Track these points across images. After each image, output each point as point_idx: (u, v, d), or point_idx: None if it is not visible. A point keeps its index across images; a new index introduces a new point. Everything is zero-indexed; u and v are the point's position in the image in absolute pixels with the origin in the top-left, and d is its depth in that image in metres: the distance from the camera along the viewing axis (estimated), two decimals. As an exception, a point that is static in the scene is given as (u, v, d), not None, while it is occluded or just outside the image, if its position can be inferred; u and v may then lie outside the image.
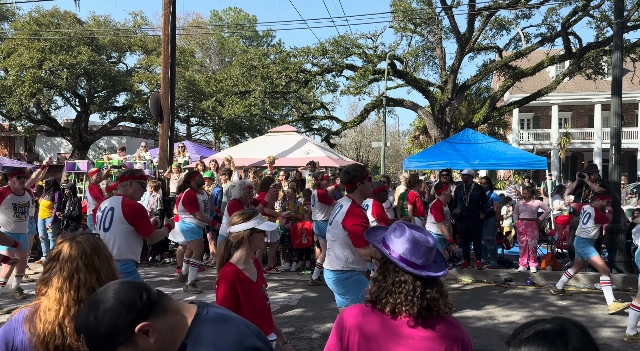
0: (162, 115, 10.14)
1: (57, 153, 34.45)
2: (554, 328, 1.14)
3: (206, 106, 23.73)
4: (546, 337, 1.12)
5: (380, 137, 23.84)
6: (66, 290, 1.63)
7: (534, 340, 1.12)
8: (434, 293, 1.62)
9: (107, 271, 1.71)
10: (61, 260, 1.67)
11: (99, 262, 1.69)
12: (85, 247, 1.70)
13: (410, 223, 1.76)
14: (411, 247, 1.65)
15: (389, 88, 20.56)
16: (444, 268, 1.70)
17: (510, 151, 10.77)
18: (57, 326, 1.59)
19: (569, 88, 27.92)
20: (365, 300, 1.71)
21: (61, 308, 1.61)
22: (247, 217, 2.73)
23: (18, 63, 21.28)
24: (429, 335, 1.60)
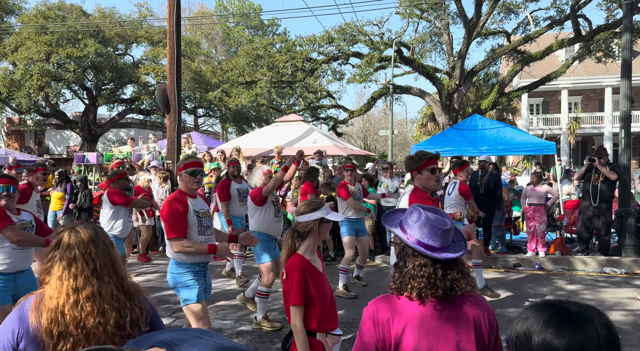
0: (169, 107, 10.18)
1: (67, 146, 34.76)
2: (581, 312, 1.09)
3: (213, 97, 23.75)
4: (573, 319, 1.08)
5: (387, 125, 23.74)
6: (65, 279, 1.66)
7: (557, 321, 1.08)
8: (455, 274, 1.63)
9: (105, 261, 1.72)
10: (61, 249, 1.70)
11: (96, 251, 1.71)
12: (83, 236, 1.72)
13: (426, 206, 1.75)
14: (428, 230, 1.66)
15: (396, 76, 20.44)
16: (463, 247, 1.70)
17: (518, 136, 10.68)
18: (60, 314, 1.62)
19: (578, 72, 27.52)
20: (389, 287, 1.71)
21: (61, 297, 1.64)
22: (315, 207, 2.65)
23: (26, 57, 21.41)
24: (457, 314, 1.62)
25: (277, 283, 6.92)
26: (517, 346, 1.12)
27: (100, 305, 1.65)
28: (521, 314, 1.16)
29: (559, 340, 1.04)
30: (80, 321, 1.62)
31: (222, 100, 25.61)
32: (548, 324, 1.07)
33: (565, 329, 1.05)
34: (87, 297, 1.65)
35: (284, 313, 5.50)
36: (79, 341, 1.61)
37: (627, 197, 8.12)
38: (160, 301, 5.99)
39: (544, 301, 1.16)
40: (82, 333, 1.62)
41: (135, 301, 1.74)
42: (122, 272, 1.77)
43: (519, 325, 1.13)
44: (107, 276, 1.71)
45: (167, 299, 6.11)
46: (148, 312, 1.77)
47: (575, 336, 1.04)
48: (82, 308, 1.63)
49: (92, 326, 1.62)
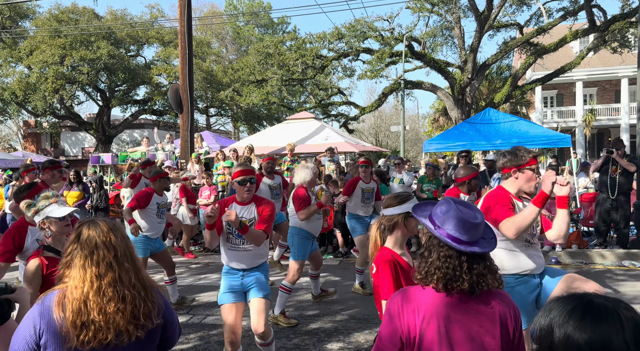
0: (182, 106, 10.26)
1: (82, 147, 35.26)
2: (605, 304, 1.05)
3: (224, 96, 23.90)
4: (600, 312, 1.04)
5: (399, 121, 23.64)
6: (88, 266, 1.71)
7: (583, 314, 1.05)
8: (482, 269, 1.63)
9: (124, 249, 1.79)
10: (81, 240, 1.76)
11: (116, 239, 1.78)
12: (102, 227, 1.79)
13: (458, 199, 1.75)
14: (457, 222, 1.66)
15: (407, 71, 20.30)
16: (493, 244, 1.69)
17: (533, 129, 10.55)
18: (83, 303, 1.67)
19: (593, 63, 27.05)
20: (414, 277, 1.71)
21: (85, 284, 1.69)
22: (402, 200, 2.60)
23: (40, 60, 21.75)
24: (483, 309, 1.62)
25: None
26: (540, 339, 1.09)
27: (121, 290, 1.71)
28: (545, 307, 1.13)
29: (580, 334, 1.01)
30: (102, 307, 1.67)
31: (233, 99, 25.75)
32: (570, 317, 1.04)
33: (587, 322, 1.02)
34: (108, 283, 1.70)
35: (299, 309, 5.54)
36: (100, 327, 1.66)
37: (646, 189, 7.97)
38: (176, 299, 6.04)
39: (569, 294, 1.13)
40: (104, 319, 1.66)
41: (149, 293, 1.78)
42: (138, 263, 1.83)
43: (542, 318, 1.11)
44: (127, 263, 1.77)
45: (184, 296, 6.17)
46: (160, 306, 1.81)
47: (597, 330, 1.00)
48: (104, 294, 1.69)
49: (113, 312, 1.67)
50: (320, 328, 4.90)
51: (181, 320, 5.28)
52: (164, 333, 1.86)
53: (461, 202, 1.73)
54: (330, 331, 4.81)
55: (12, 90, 22.70)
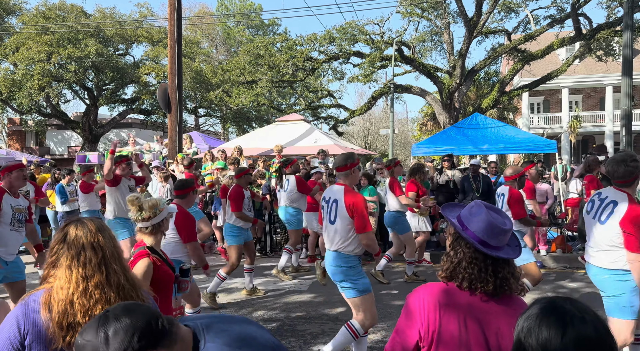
0: (170, 106, 10.20)
1: (68, 146, 34.81)
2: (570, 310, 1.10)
3: (213, 96, 23.78)
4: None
5: (388, 124, 23.75)
6: (74, 268, 1.69)
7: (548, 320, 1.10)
8: (506, 273, 1.67)
9: (112, 250, 1.76)
10: (68, 240, 1.73)
11: (104, 240, 1.75)
12: (90, 227, 1.76)
13: (489, 204, 1.79)
14: (485, 226, 1.69)
15: (397, 75, 20.44)
16: (517, 253, 1.73)
17: (519, 135, 10.68)
18: (69, 304, 1.65)
19: (579, 71, 27.50)
20: (439, 276, 1.75)
21: (71, 285, 1.67)
22: None
23: (27, 57, 21.44)
24: (503, 311, 1.65)
25: (278, 282, 6.94)
26: (518, 342, 1.14)
27: (108, 293, 1.69)
28: (526, 310, 1.18)
29: (549, 341, 1.06)
30: (89, 309, 1.64)
31: (222, 100, 25.65)
32: (541, 323, 1.10)
33: (558, 327, 1.07)
34: (95, 285, 1.68)
35: (286, 311, 5.53)
36: None
37: (629, 195, 8.12)
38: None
39: (544, 299, 1.18)
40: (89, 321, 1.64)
41: (138, 293, 1.77)
42: (125, 263, 1.81)
43: (521, 321, 1.16)
44: (115, 265, 1.74)
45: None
46: (149, 304, 1.79)
47: (570, 333, 1.05)
48: (90, 296, 1.66)
49: None
50: (306, 330, 4.89)
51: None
52: None
53: (492, 208, 1.76)
54: (316, 333, 4.81)
55: (-3, 86, 22.34)
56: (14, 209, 4.18)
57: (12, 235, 4.15)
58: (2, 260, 4.08)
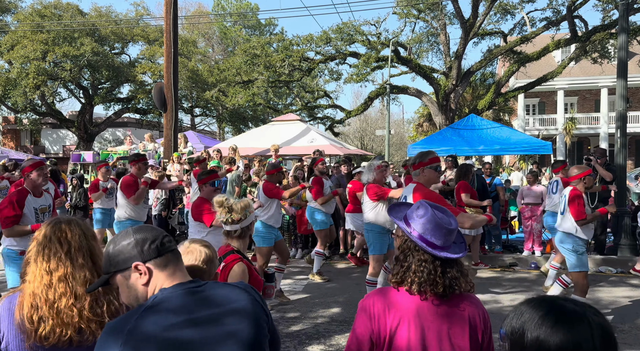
0: (166, 105, 10.16)
1: (63, 145, 34.63)
2: (576, 310, 1.08)
3: (209, 96, 23.73)
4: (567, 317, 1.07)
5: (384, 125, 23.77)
6: (40, 261, 1.69)
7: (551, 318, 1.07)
8: (455, 272, 1.65)
9: (80, 245, 1.73)
10: (38, 238, 1.74)
11: (71, 235, 1.73)
12: (61, 225, 1.75)
13: (434, 204, 1.75)
14: (432, 227, 1.67)
15: (393, 76, 20.46)
16: (463, 249, 1.72)
17: (515, 136, 10.72)
18: (37, 297, 1.64)
19: (574, 73, 27.61)
20: (389, 280, 1.73)
21: (36, 280, 1.67)
22: None
23: (22, 55, 21.32)
24: (454, 312, 1.65)
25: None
26: (511, 342, 1.11)
27: (73, 287, 1.66)
28: (516, 309, 1.15)
29: (552, 338, 1.03)
30: (54, 302, 1.64)
31: (219, 100, 25.58)
32: (543, 321, 1.06)
33: (559, 327, 1.04)
34: (59, 278, 1.67)
35: (280, 311, 5.51)
36: (56, 324, 1.63)
37: (623, 197, 8.15)
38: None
39: (540, 297, 1.15)
40: (57, 315, 1.63)
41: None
42: (100, 263, 1.74)
43: (514, 320, 1.12)
44: (82, 259, 1.71)
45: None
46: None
47: (568, 335, 1.03)
48: (55, 289, 1.65)
49: (66, 308, 1.63)
50: (301, 331, 4.88)
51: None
52: None
53: (437, 207, 1.73)
54: (311, 333, 4.80)
55: (-9, 85, 22.21)
56: (37, 210, 4.10)
57: None
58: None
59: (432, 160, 3.74)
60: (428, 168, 3.72)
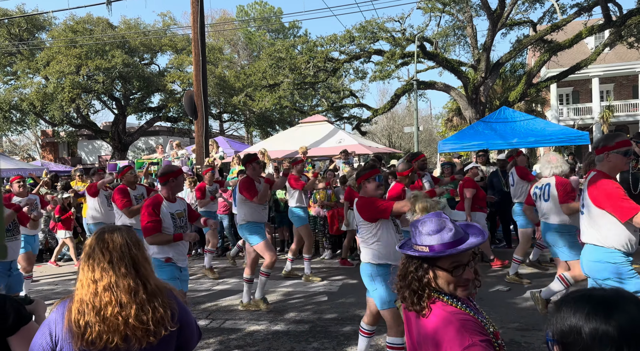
0: (197, 112, 10.35)
1: (98, 155, 35.76)
2: (605, 294, 1.14)
3: (237, 101, 24.05)
4: (591, 301, 1.12)
5: (411, 122, 23.50)
6: (86, 271, 1.77)
7: (577, 302, 1.13)
8: None
9: (122, 255, 1.78)
10: (85, 247, 1.83)
11: (113, 245, 1.79)
12: (104, 236, 1.82)
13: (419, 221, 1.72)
14: (438, 231, 1.62)
15: (419, 71, 20.23)
16: (485, 233, 1.67)
17: (550, 127, 10.43)
18: (84, 304, 1.71)
19: (609, 59, 26.59)
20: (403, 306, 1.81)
21: (84, 288, 1.74)
22: None
23: (57, 70, 22.14)
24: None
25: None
26: (567, 345, 1.12)
27: (118, 296, 1.72)
28: (557, 312, 1.16)
29: (611, 324, 1.07)
30: (100, 310, 1.70)
31: (246, 104, 25.89)
32: (595, 313, 1.09)
33: (611, 312, 1.08)
34: (104, 288, 1.72)
35: (317, 312, 5.52)
36: (103, 330, 1.69)
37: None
38: (196, 303, 6.08)
39: (575, 296, 1.18)
40: (104, 322, 1.69)
41: (159, 300, 1.78)
42: (144, 271, 1.82)
43: (560, 323, 1.14)
44: (125, 269, 1.76)
45: (203, 300, 6.20)
46: (175, 311, 1.81)
47: (622, 316, 1.07)
48: (100, 297, 1.71)
49: (112, 316, 1.69)
50: (339, 331, 4.87)
51: (200, 324, 5.30)
52: (181, 337, 1.86)
53: (424, 220, 1.68)
54: (349, 334, 4.78)
55: (30, 100, 23.14)
56: (174, 215, 4.12)
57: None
58: (176, 267, 4.09)
59: (621, 144, 3.18)
60: (614, 152, 3.19)
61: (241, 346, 4.63)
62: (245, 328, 5.11)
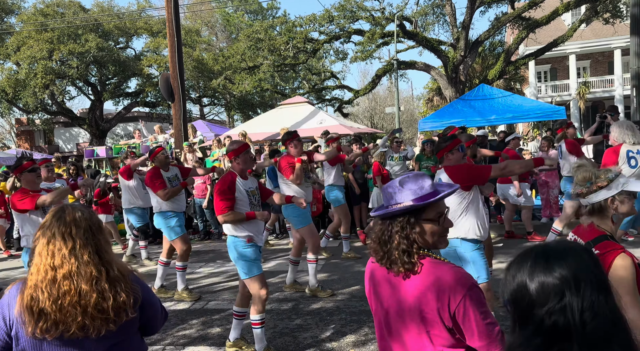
0: (173, 95, 10.17)
1: (76, 143, 35.06)
2: (557, 245, 1.14)
3: (216, 84, 23.71)
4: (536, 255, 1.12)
5: (393, 103, 23.51)
6: (44, 256, 1.64)
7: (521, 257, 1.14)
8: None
9: (86, 241, 1.68)
10: (44, 226, 1.69)
11: (77, 231, 1.68)
12: (66, 215, 1.70)
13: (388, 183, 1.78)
14: (411, 188, 1.65)
15: (400, 51, 20.13)
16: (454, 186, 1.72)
17: (527, 103, 10.54)
18: (39, 291, 1.60)
19: (586, 36, 26.88)
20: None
21: (40, 274, 1.63)
22: None
23: (28, 56, 21.48)
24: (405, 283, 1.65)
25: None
26: (516, 302, 1.12)
27: (78, 285, 1.62)
28: (506, 274, 1.16)
29: (553, 275, 1.06)
30: (58, 299, 1.60)
31: (226, 88, 25.55)
32: (536, 266, 1.09)
33: (553, 263, 1.07)
34: (64, 276, 1.62)
35: (300, 291, 5.55)
36: (59, 320, 1.60)
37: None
38: (178, 286, 6.07)
39: (520, 254, 1.17)
40: (61, 311, 1.59)
41: (122, 285, 1.69)
42: (107, 256, 1.72)
43: (509, 283, 1.14)
44: (88, 256, 1.66)
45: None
46: (138, 296, 1.73)
47: (564, 265, 1.07)
48: (59, 286, 1.61)
49: (69, 306, 1.60)
50: (322, 308, 4.93)
51: (183, 306, 5.31)
52: (143, 317, 1.79)
53: (403, 179, 1.70)
54: (331, 310, 4.85)
55: (2, 87, 22.45)
56: (248, 192, 3.94)
57: None
58: (257, 247, 3.92)
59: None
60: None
61: (224, 325, 4.65)
62: (229, 309, 5.13)
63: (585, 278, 1.06)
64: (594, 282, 1.06)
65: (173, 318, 4.91)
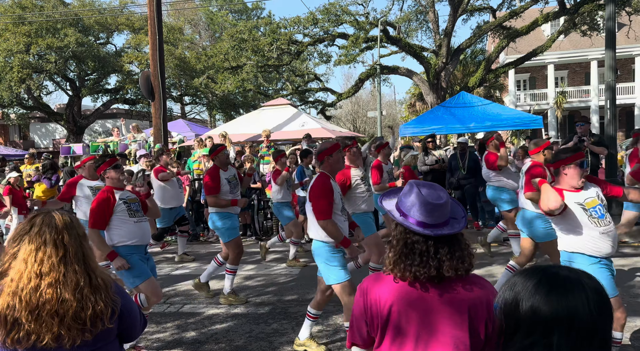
0: (154, 94, 10.04)
1: (52, 139, 34.29)
2: (570, 276, 1.06)
3: (198, 83, 23.47)
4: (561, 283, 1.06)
5: (375, 107, 23.65)
6: (30, 262, 1.59)
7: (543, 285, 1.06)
8: (446, 252, 1.54)
9: (77, 249, 1.66)
10: (31, 232, 1.63)
11: (69, 238, 1.65)
12: (57, 221, 1.66)
13: (419, 181, 1.69)
14: (419, 206, 1.59)
15: (383, 56, 20.29)
16: (462, 223, 1.62)
17: (505, 112, 10.75)
18: (18, 299, 1.55)
19: (564, 47, 27.55)
20: (385, 266, 1.66)
21: (22, 280, 1.57)
22: None
23: (4, 48, 20.91)
24: (450, 298, 1.54)
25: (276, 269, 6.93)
26: (505, 314, 1.10)
27: (61, 293, 1.58)
28: (509, 281, 1.14)
29: (547, 306, 1.02)
30: (36, 308, 1.55)
31: (208, 87, 25.31)
32: (536, 290, 1.05)
33: (553, 294, 1.03)
34: (49, 284, 1.57)
35: (277, 294, 5.54)
36: (33, 330, 1.55)
37: (614, 168, 8.22)
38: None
39: (532, 266, 1.14)
40: (37, 321, 1.54)
41: (102, 294, 1.65)
42: (92, 264, 1.70)
43: (507, 292, 1.11)
44: (77, 265, 1.63)
45: (160, 285, 6.11)
46: (116, 307, 1.69)
47: (563, 301, 1.01)
48: (40, 294, 1.56)
49: (47, 315, 1.56)
50: (298, 312, 4.92)
51: (158, 309, 5.23)
52: (121, 325, 1.76)
53: (423, 184, 1.66)
54: (308, 314, 4.83)
55: (-24, 80, 21.80)
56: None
57: None
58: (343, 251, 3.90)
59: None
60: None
61: (199, 329, 4.60)
62: (204, 312, 5.08)
63: (580, 323, 1.01)
64: (587, 329, 1.01)
65: (148, 322, 4.83)
